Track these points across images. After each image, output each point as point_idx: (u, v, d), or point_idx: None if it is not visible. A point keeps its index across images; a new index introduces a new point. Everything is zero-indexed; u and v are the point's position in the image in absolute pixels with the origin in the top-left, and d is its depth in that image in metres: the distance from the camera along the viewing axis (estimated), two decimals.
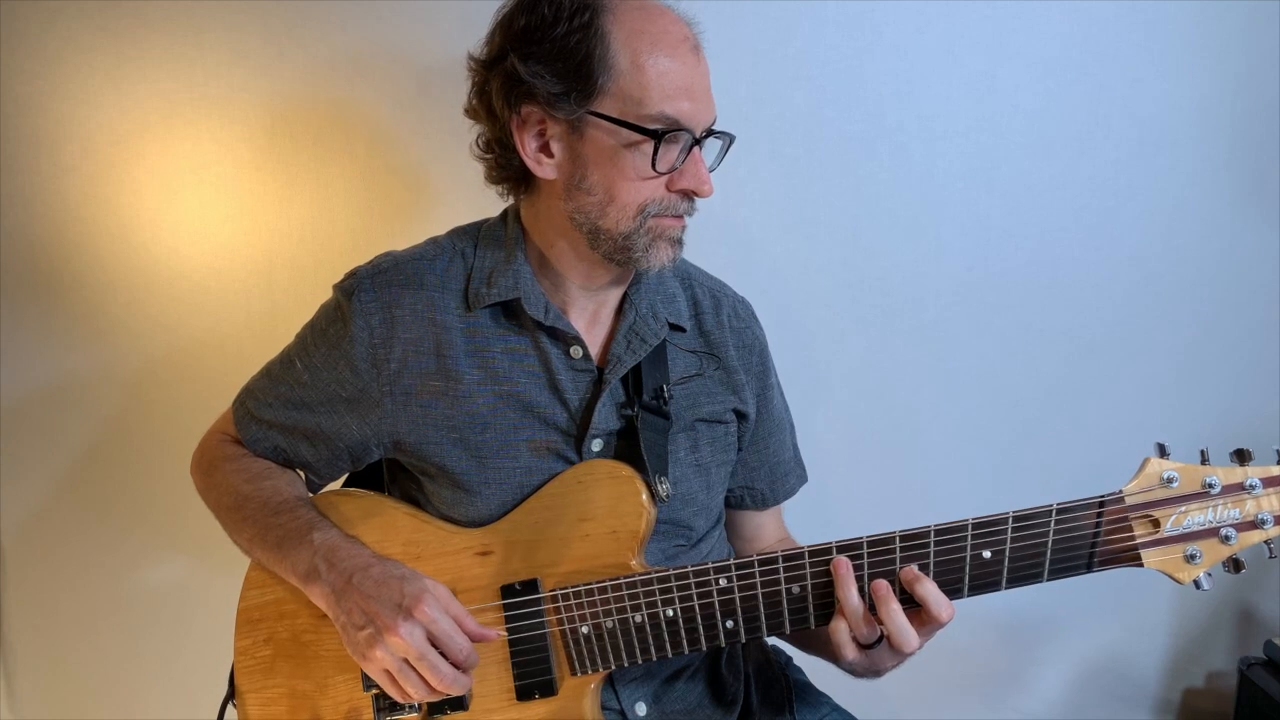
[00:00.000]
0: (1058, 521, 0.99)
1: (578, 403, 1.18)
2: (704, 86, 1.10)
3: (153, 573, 1.88)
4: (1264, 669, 1.79)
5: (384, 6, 1.63)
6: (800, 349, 1.75)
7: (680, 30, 1.08)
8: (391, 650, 1.03)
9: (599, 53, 1.04)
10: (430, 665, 1.02)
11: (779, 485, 1.38)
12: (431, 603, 1.03)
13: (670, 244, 1.12)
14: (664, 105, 1.05)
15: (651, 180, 1.08)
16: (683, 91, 1.06)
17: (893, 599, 1.01)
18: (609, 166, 1.08)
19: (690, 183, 1.09)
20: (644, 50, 1.05)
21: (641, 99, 1.05)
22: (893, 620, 1.01)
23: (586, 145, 1.08)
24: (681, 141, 1.08)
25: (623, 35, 1.05)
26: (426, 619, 1.02)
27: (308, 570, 1.10)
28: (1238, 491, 0.98)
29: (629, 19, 1.06)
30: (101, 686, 1.93)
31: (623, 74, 1.05)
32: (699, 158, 1.10)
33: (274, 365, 1.26)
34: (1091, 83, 1.70)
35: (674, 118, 1.06)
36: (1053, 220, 1.76)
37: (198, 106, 1.66)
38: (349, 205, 1.71)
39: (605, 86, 1.05)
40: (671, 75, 1.05)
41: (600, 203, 1.10)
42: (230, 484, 1.23)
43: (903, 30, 1.67)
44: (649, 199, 1.09)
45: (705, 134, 1.10)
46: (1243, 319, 1.81)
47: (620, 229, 1.10)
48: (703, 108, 1.09)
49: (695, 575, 1.07)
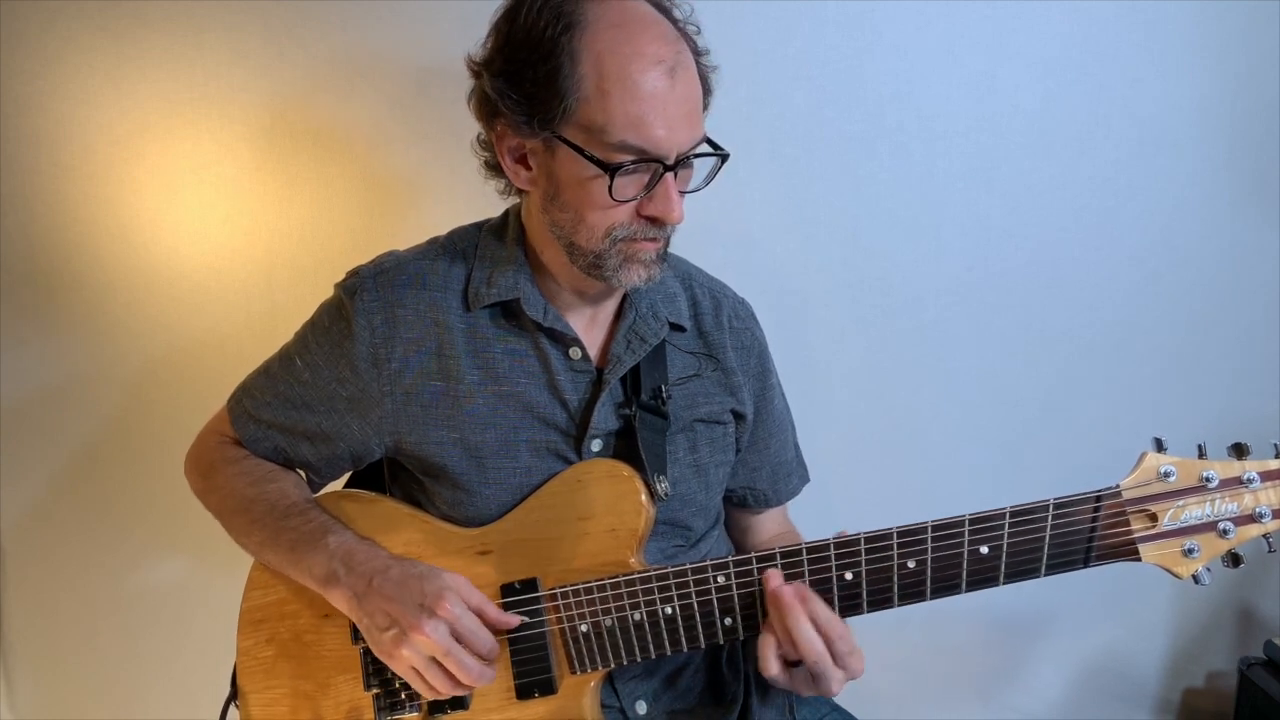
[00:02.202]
0: (1055, 516, 0.99)
1: (577, 403, 1.18)
2: (680, 111, 1.02)
3: (153, 573, 1.88)
4: (1264, 669, 1.79)
5: (384, 6, 1.63)
6: (800, 349, 1.75)
7: (656, 51, 1.01)
8: (418, 649, 1.03)
9: (567, 71, 1.00)
10: (456, 661, 1.03)
11: (781, 485, 1.38)
12: (454, 599, 1.04)
13: (644, 265, 1.09)
14: (627, 134, 1.00)
15: (617, 206, 1.05)
16: (648, 120, 1.00)
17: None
18: (577, 189, 1.06)
19: (657, 210, 1.05)
20: (610, 75, 1.00)
21: (605, 126, 1.00)
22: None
23: (558, 164, 1.06)
24: (650, 170, 1.04)
25: (592, 57, 1.00)
26: (450, 616, 1.03)
27: (326, 575, 1.10)
28: (1235, 486, 0.98)
29: (602, 38, 1.00)
30: (101, 687, 1.93)
31: (587, 99, 1.00)
32: (669, 184, 1.04)
33: (272, 364, 1.26)
34: (1091, 83, 1.70)
35: (638, 146, 1.01)
36: (1053, 220, 1.76)
37: (198, 106, 1.66)
38: (349, 205, 1.71)
39: (570, 110, 1.01)
40: (638, 103, 1.00)
41: (573, 220, 1.08)
42: (234, 487, 1.23)
43: (903, 30, 1.67)
44: (616, 223, 1.06)
45: (678, 161, 1.04)
46: (1242, 319, 1.81)
47: (591, 248, 1.08)
48: (677, 133, 1.02)
49: (694, 573, 1.07)
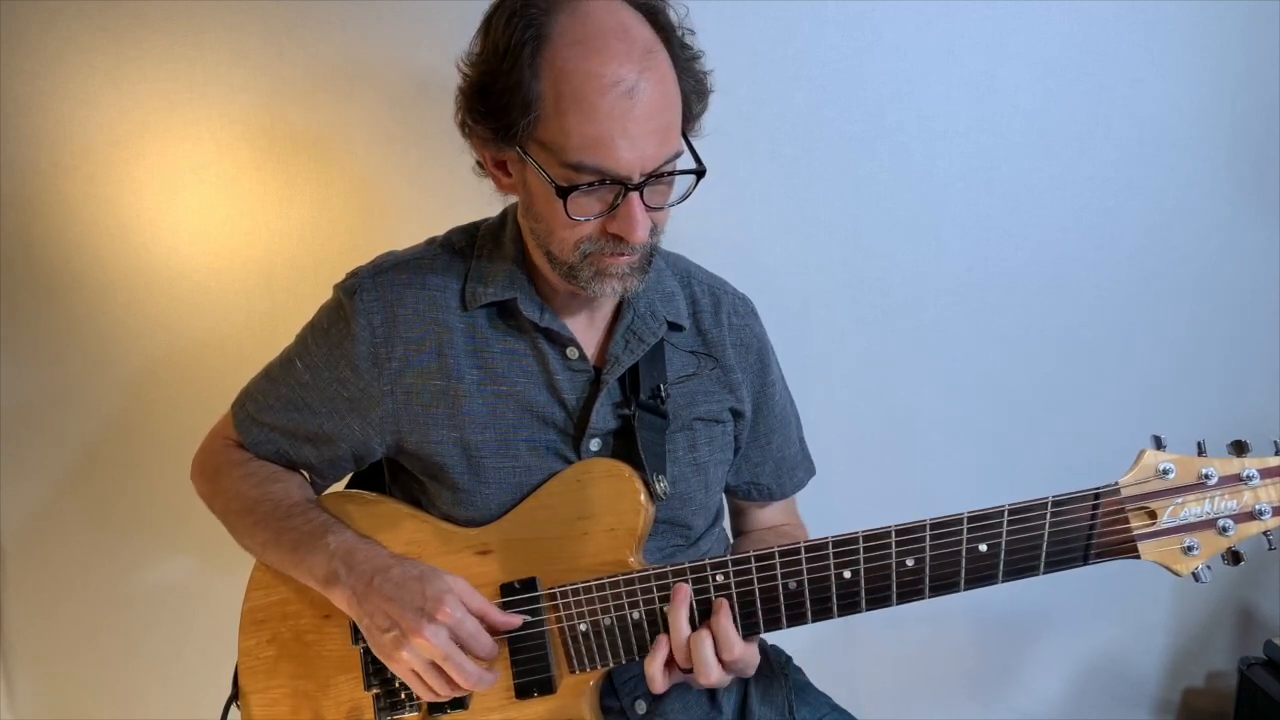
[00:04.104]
0: (1053, 514, 0.99)
1: (575, 402, 1.18)
2: (643, 130, 0.99)
3: (154, 572, 1.88)
4: (1264, 669, 1.79)
5: (384, 6, 1.63)
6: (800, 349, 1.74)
7: (614, 72, 0.97)
8: (418, 653, 1.03)
9: (529, 86, 0.99)
10: (456, 665, 1.03)
11: (785, 480, 1.38)
12: (454, 603, 1.03)
13: (617, 278, 1.08)
14: (584, 155, 0.99)
15: (580, 224, 1.04)
16: (606, 141, 0.98)
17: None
18: (546, 203, 1.05)
19: (619, 230, 1.03)
20: (567, 95, 0.98)
21: (563, 146, 0.99)
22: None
23: (528, 176, 1.06)
24: (613, 189, 1.02)
25: (551, 75, 0.98)
26: (451, 620, 1.03)
27: (327, 574, 1.10)
28: (1235, 483, 0.98)
29: (562, 56, 0.98)
30: (102, 687, 1.93)
31: (547, 117, 0.99)
32: (633, 204, 1.02)
33: (274, 367, 1.26)
34: (1091, 83, 1.70)
35: (594, 167, 0.99)
36: (1053, 220, 1.77)
37: (198, 106, 1.66)
38: (349, 205, 1.71)
39: (532, 126, 1.00)
40: (594, 125, 0.97)
41: (545, 231, 1.08)
42: (238, 489, 1.23)
43: (903, 30, 1.67)
44: (582, 238, 1.06)
45: (645, 180, 1.02)
46: (1242, 318, 1.81)
47: (564, 259, 1.08)
48: (640, 152, 1.00)
49: (693, 572, 1.07)
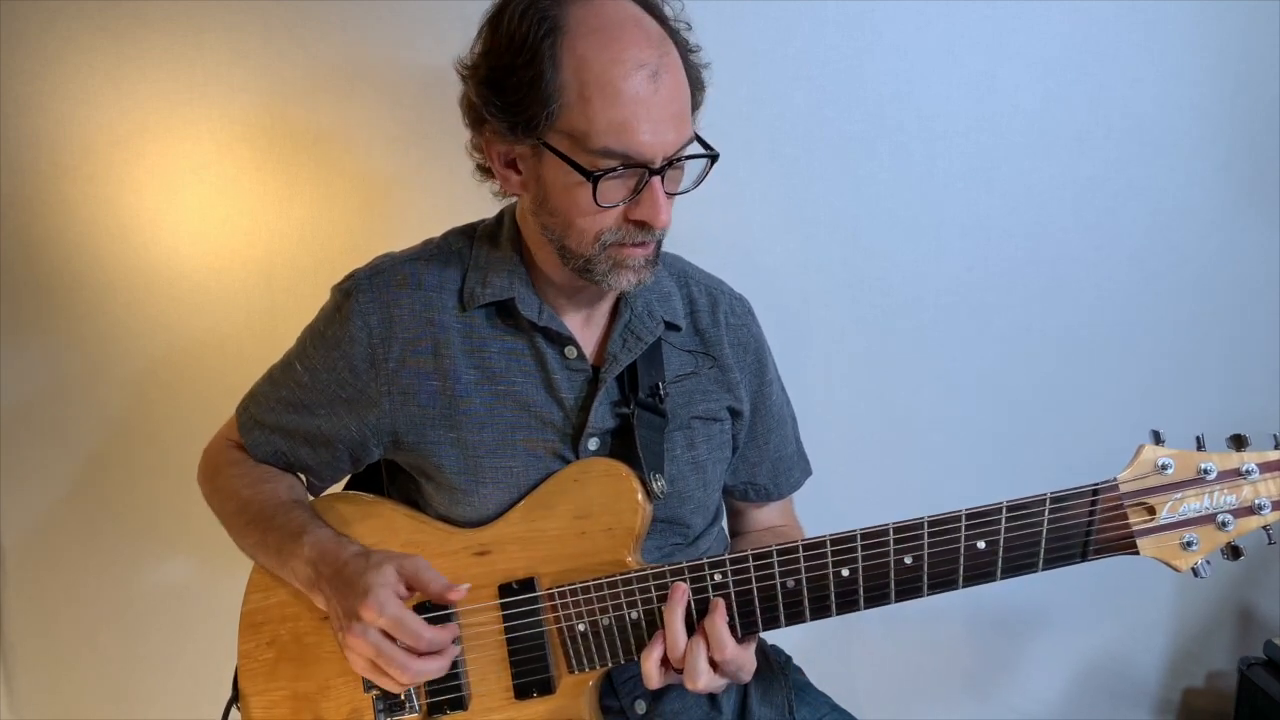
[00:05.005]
0: (1052, 511, 0.99)
1: (573, 401, 1.18)
2: (664, 114, 1.01)
3: (154, 574, 1.88)
4: (1264, 669, 1.79)
5: (384, 6, 1.63)
6: (800, 349, 1.74)
7: (637, 55, 1.00)
8: (356, 651, 1.04)
9: (549, 78, 1.00)
10: (389, 660, 1.03)
11: (782, 480, 1.38)
12: (374, 603, 1.02)
13: (633, 270, 1.09)
14: (609, 140, 1.00)
15: (604, 211, 1.04)
16: (632, 125, 0.99)
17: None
18: (564, 194, 1.05)
19: (643, 215, 1.04)
20: (591, 82, 0.99)
21: (587, 133, 1.00)
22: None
23: (545, 170, 1.06)
24: (636, 174, 1.03)
25: (573, 64, 0.99)
26: (370, 619, 1.02)
27: (306, 577, 1.11)
28: (1234, 477, 0.97)
29: (582, 44, 1.00)
30: (102, 688, 1.93)
31: (570, 106, 1.00)
32: (656, 188, 1.03)
33: (275, 369, 1.27)
34: (1091, 83, 1.70)
35: (622, 152, 1.00)
36: (1053, 220, 1.76)
37: (198, 106, 1.66)
38: (349, 205, 1.71)
39: (554, 116, 1.01)
40: (620, 109, 0.99)
41: (562, 225, 1.08)
42: (232, 489, 1.24)
43: (903, 30, 1.67)
44: (604, 228, 1.06)
45: (666, 164, 1.03)
46: (1241, 318, 1.81)
47: (581, 252, 1.08)
48: (662, 136, 1.01)
49: (690, 571, 1.07)
